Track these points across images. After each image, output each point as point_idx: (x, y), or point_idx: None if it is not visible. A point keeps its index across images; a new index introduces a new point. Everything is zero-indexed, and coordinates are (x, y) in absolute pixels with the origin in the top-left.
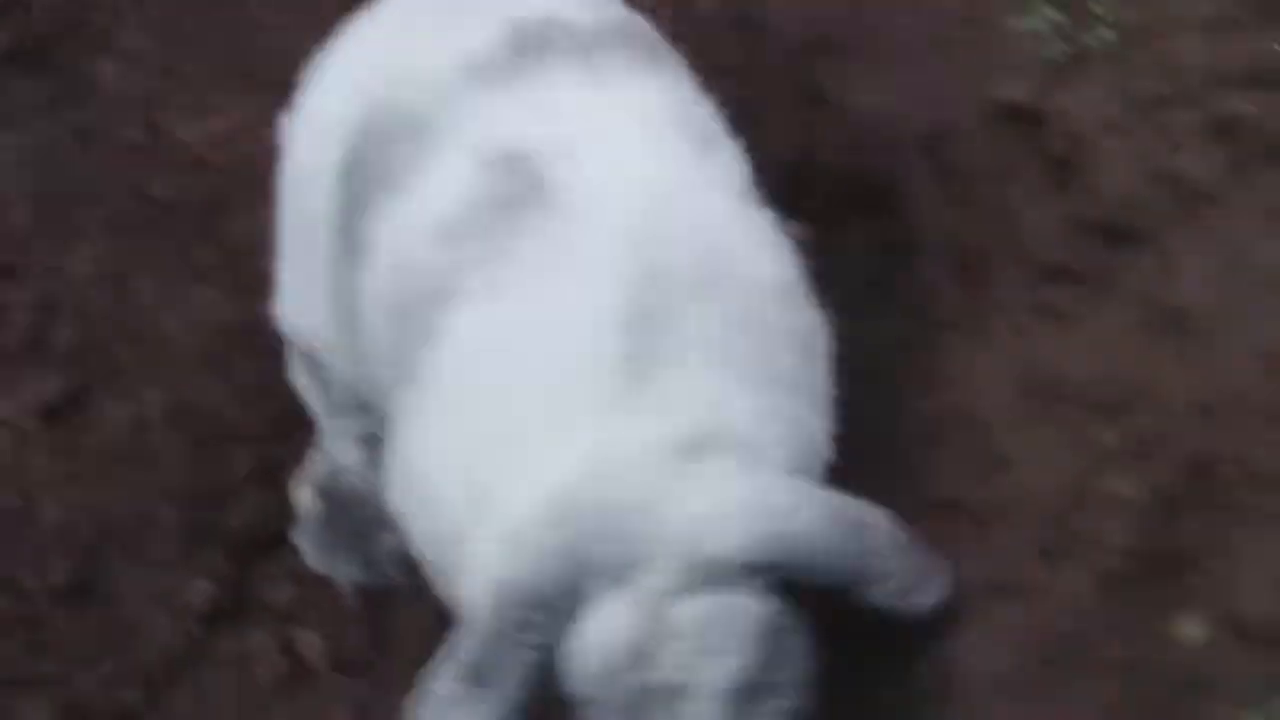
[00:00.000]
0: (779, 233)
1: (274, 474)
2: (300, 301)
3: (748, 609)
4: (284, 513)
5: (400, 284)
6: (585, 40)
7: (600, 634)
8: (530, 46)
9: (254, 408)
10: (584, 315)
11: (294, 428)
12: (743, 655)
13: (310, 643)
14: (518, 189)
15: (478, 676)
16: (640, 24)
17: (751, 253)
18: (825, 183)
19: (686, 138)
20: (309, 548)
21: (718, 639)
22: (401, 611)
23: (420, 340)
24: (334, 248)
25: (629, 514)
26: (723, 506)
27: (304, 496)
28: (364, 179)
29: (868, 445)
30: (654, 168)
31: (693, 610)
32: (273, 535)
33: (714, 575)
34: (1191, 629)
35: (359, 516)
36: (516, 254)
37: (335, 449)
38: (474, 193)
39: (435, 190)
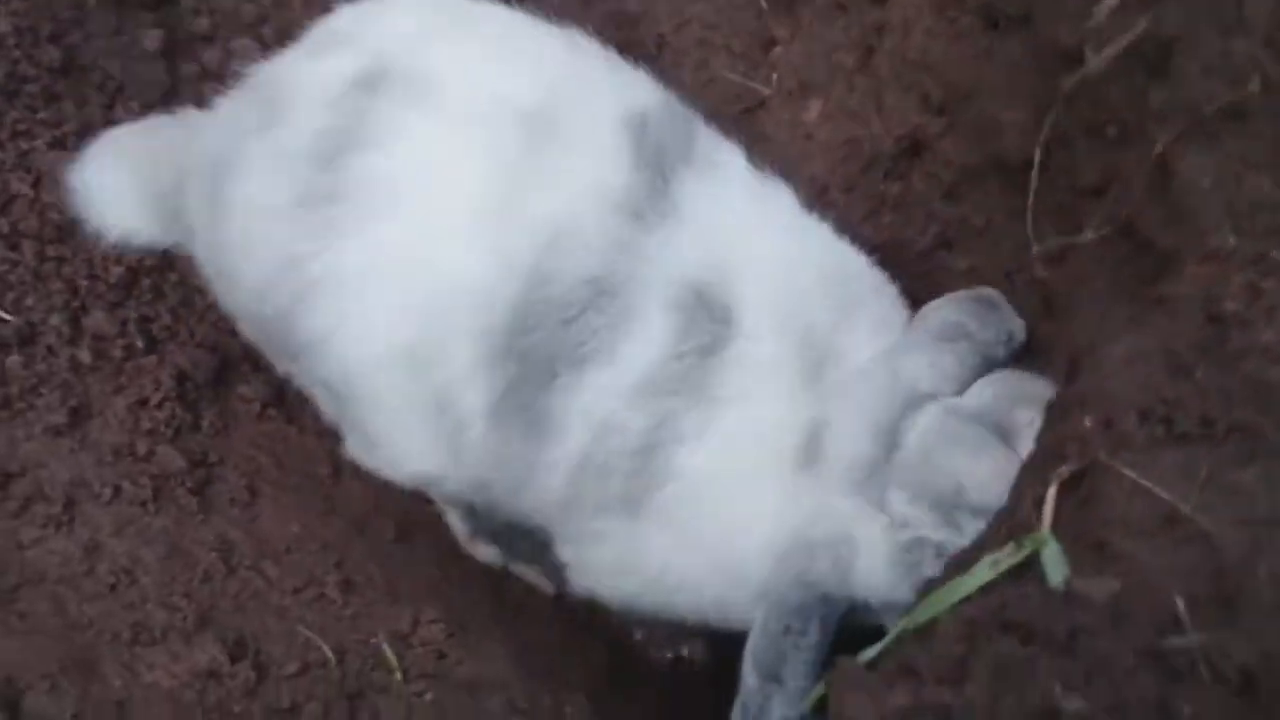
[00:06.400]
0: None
1: None
2: (405, 451)
3: None
4: None
5: (600, 445)
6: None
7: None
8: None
9: None
10: (770, 425)
11: None
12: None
13: None
14: (710, 328)
15: (772, 672)
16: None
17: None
18: None
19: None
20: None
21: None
22: None
23: (637, 483)
24: (481, 415)
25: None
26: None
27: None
28: (541, 357)
29: None
30: (795, 251)
31: None
32: None
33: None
34: None
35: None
36: (715, 390)
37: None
38: (672, 342)
39: (636, 350)
